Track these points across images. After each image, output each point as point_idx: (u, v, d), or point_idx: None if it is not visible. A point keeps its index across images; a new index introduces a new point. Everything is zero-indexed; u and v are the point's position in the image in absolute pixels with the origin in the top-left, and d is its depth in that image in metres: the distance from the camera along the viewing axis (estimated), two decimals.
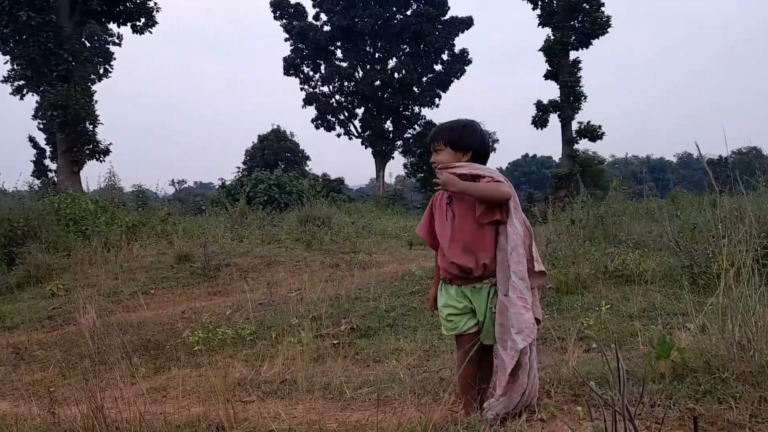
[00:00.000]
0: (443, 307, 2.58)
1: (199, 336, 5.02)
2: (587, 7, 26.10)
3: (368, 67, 35.90)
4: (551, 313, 4.81)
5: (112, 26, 24.60)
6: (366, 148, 37.37)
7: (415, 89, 35.99)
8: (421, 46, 34.95)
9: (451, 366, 3.53)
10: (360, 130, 37.17)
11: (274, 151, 45.79)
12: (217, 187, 23.85)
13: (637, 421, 2.21)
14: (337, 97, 36.70)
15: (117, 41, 31.97)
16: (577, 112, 26.82)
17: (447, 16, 35.23)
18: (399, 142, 38.05)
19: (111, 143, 20.44)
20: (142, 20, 21.51)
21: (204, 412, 2.93)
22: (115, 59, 32.78)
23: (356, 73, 35.80)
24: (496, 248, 2.47)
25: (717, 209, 4.51)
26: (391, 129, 37.40)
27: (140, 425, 2.62)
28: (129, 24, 21.61)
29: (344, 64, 35.84)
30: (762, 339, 2.51)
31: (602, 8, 26.03)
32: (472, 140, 2.59)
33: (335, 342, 4.52)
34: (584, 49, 26.58)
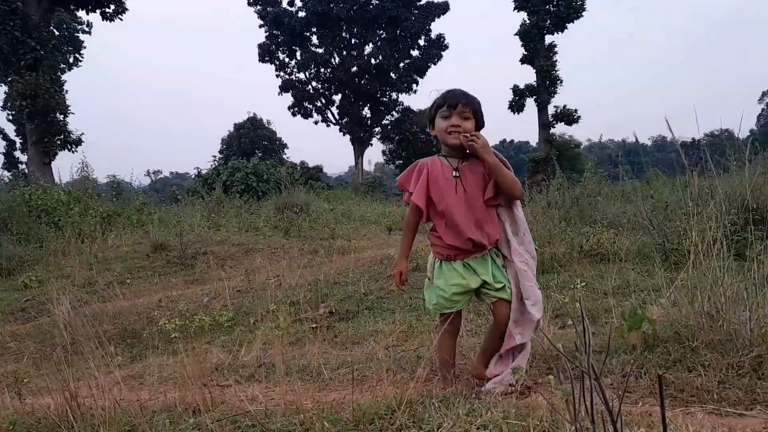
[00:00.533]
0: (451, 286, 2.49)
1: (176, 324, 4.98)
2: None
3: (344, 53, 35.66)
4: None
5: (81, 13, 24.00)
6: (344, 135, 37.23)
7: (392, 75, 35.89)
8: (398, 31, 34.80)
9: (428, 344, 3.55)
10: (337, 117, 36.99)
11: (251, 140, 45.37)
12: (193, 176, 23.57)
13: (609, 391, 2.25)
14: (314, 83, 36.44)
15: (86, 29, 31.34)
16: (554, 96, 27.00)
17: (423, 1, 35.08)
18: (377, 129, 37.97)
19: (83, 133, 20.03)
20: (112, 7, 21.01)
21: (181, 397, 2.91)
22: (85, 48, 32.18)
23: (332, 60, 35.54)
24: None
25: (688, 188, 4.59)
26: (368, 116, 37.28)
27: (115, 411, 2.59)
28: (98, 11, 21.09)
29: (320, 51, 35.55)
30: (730, 309, 2.57)
31: None
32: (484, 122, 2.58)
33: (314, 326, 4.51)
34: (559, 33, 26.71)
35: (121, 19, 21.51)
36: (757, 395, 2.13)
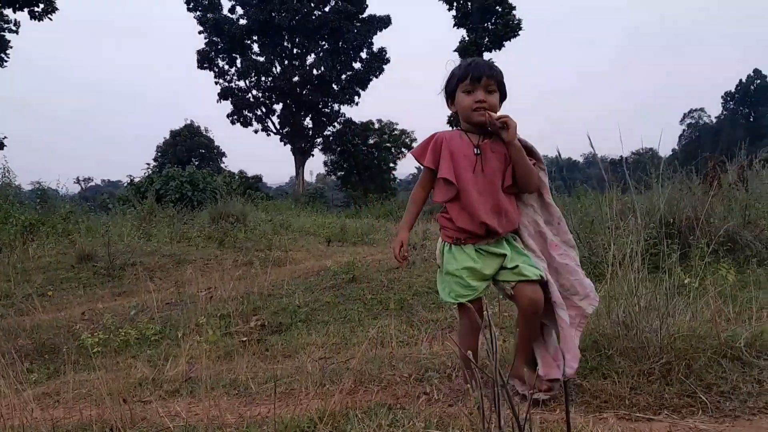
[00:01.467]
0: (461, 270, 2.28)
1: (100, 337, 4.77)
2: (500, 9, 27.08)
3: (286, 62, 35.45)
4: None
5: (8, 12, 22.81)
6: (285, 145, 36.90)
7: (334, 86, 35.91)
8: (340, 43, 34.93)
9: (359, 356, 3.54)
10: (278, 127, 36.63)
11: (188, 147, 44.19)
12: (125, 185, 22.72)
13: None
14: (254, 92, 35.98)
15: (14, 28, 29.77)
16: None
17: (365, 14, 35.38)
18: (319, 140, 37.83)
19: (5, 137, 19.04)
20: (41, 6, 20.14)
21: (98, 415, 2.79)
22: (11, 47, 30.50)
23: (274, 68, 35.25)
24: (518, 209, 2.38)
25: (610, 204, 4.80)
26: (310, 126, 37.11)
27: (24, 431, 2.45)
28: (26, 9, 20.16)
29: (261, 59, 35.20)
30: (643, 318, 2.70)
31: (514, 11, 27.12)
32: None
33: (244, 339, 4.43)
34: (497, 50, 27.56)
35: (50, 19, 20.62)
36: (665, 400, 2.24)
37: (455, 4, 27.99)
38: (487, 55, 27.69)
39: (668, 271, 2.91)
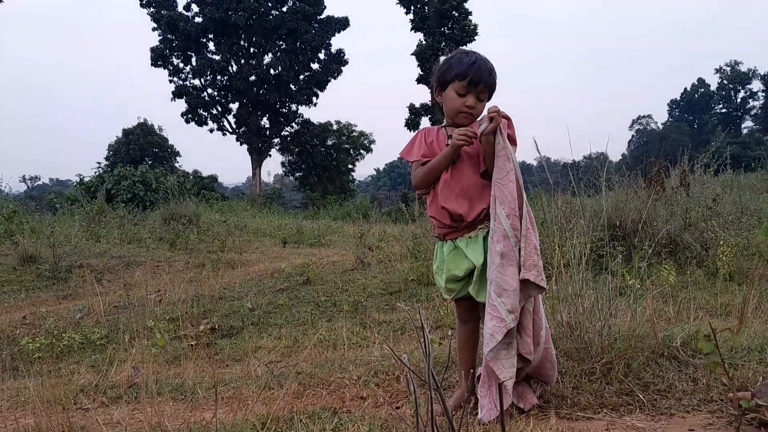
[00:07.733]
0: (438, 270, 2.33)
1: (41, 342, 4.60)
2: (456, 15, 27.41)
3: (243, 61, 34.96)
4: (412, 303, 4.97)
5: None
6: (241, 144, 36.36)
7: (291, 87, 35.62)
8: (298, 43, 34.68)
9: (311, 359, 3.53)
10: (234, 126, 36.06)
11: (141, 147, 43.13)
12: (75, 184, 21.94)
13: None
14: (210, 90, 35.32)
15: None
16: None
17: (323, 15, 35.24)
18: (276, 140, 37.45)
19: None
20: None
21: (36, 424, 2.69)
22: None
23: (230, 67, 34.71)
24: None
25: (557, 206, 4.93)
26: (267, 126, 36.70)
27: None
28: None
29: (217, 57, 34.61)
30: (587, 319, 2.77)
31: (470, 17, 27.50)
32: None
33: (193, 343, 4.34)
34: None
35: None
36: (605, 399, 2.31)
37: (413, 8, 28.19)
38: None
39: (612, 272, 3.00)
